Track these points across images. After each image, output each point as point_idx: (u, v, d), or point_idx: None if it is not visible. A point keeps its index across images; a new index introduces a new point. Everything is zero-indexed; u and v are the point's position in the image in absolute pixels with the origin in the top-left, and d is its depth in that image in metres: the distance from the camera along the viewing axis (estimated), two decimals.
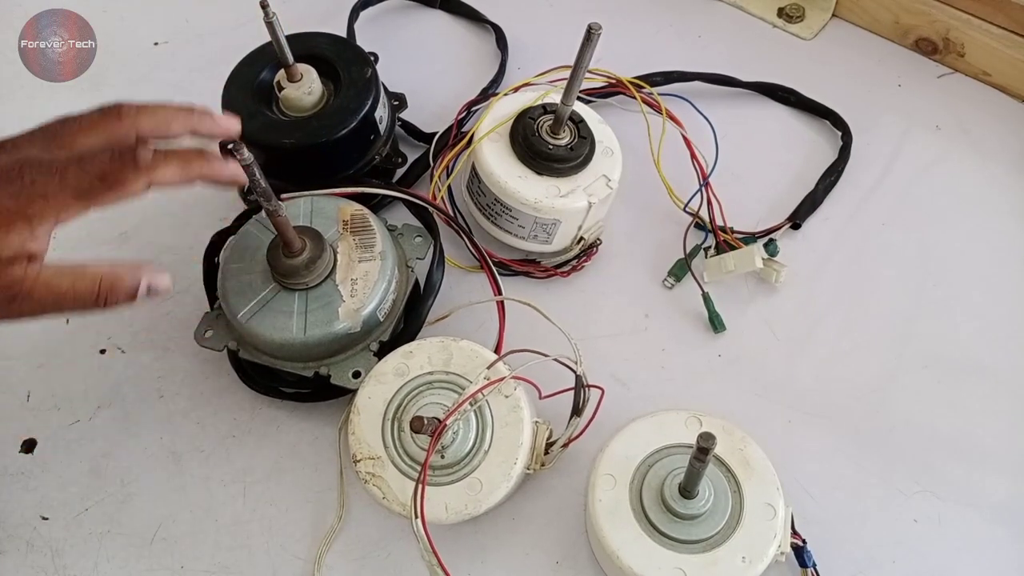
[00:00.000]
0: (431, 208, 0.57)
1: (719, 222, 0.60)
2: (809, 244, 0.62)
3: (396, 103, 0.64)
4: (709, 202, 0.60)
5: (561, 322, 0.48)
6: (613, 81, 0.64)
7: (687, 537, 0.44)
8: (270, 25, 0.51)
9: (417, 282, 0.55)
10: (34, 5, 0.71)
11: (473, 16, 0.75)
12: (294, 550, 0.50)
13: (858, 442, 0.53)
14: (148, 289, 0.42)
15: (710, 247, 0.60)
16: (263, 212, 0.52)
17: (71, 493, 0.53)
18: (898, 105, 0.69)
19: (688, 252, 0.60)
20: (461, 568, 0.49)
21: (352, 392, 0.49)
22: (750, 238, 0.60)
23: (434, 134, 0.64)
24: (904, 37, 0.72)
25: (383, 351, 0.51)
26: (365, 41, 0.70)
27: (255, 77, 0.58)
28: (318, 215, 0.52)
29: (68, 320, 0.58)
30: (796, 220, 0.62)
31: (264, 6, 0.50)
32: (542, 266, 0.60)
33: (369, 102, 0.57)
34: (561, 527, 0.51)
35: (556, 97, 0.56)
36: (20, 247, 0.39)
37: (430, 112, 0.67)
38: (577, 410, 0.48)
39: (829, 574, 0.48)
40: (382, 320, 0.51)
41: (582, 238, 0.58)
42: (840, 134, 0.67)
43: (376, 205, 0.61)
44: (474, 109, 0.66)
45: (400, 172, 0.63)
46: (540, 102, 0.57)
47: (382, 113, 0.60)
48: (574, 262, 0.60)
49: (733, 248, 0.58)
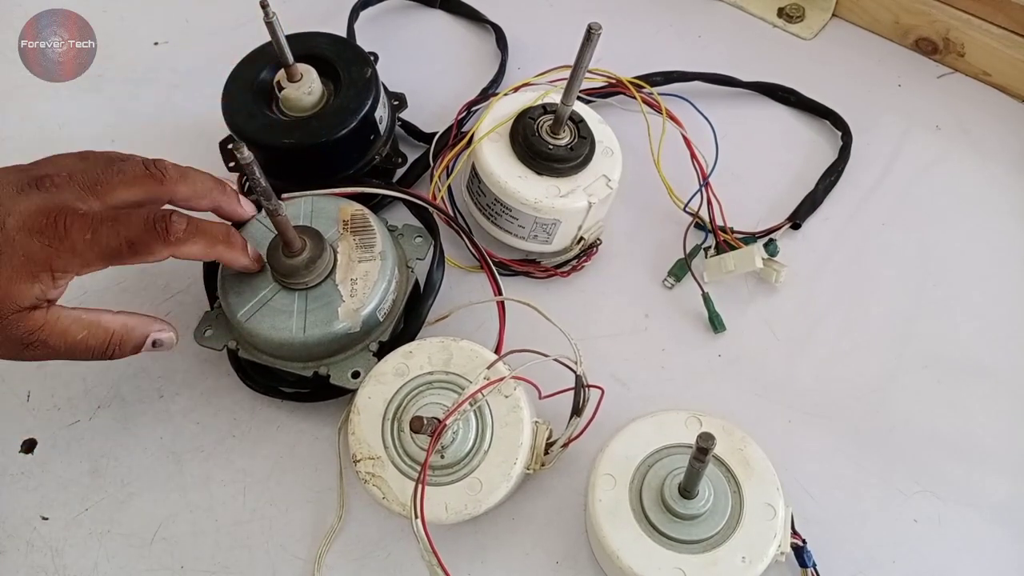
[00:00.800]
0: (431, 208, 0.57)
1: (719, 222, 0.60)
2: (809, 244, 0.62)
3: (396, 103, 0.64)
4: (709, 202, 0.60)
5: (561, 322, 0.48)
6: (613, 81, 0.64)
7: (687, 537, 0.44)
8: (270, 25, 0.51)
9: (417, 282, 0.55)
10: (34, 5, 0.71)
11: (473, 16, 0.75)
12: (294, 550, 0.50)
13: (858, 442, 0.53)
14: (153, 343, 0.45)
15: (710, 247, 0.60)
16: (263, 212, 0.52)
17: (71, 493, 0.53)
18: (898, 105, 0.69)
19: (688, 252, 0.60)
20: (461, 568, 0.49)
21: (352, 392, 0.49)
22: (750, 238, 0.60)
23: (434, 134, 0.64)
24: (904, 37, 0.72)
25: (383, 351, 0.50)
26: (365, 41, 0.70)
27: (255, 77, 0.58)
28: (318, 215, 0.52)
29: None
30: (796, 220, 0.62)
31: (264, 6, 0.50)
32: (542, 266, 0.60)
33: (369, 102, 0.57)
34: (561, 527, 0.51)
35: (556, 97, 0.56)
36: (41, 295, 0.40)
37: (430, 112, 0.67)
38: (577, 410, 0.48)
39: (829, 574, 0.48)
40: (382, 320, 0.51)
41: (582, 238, 0.58)
42: (840, 134, 0.67)
43: (376, 205, 0.61)
44: (474, 109, 0.66)
45: (400, 172, 0.63)
46: (540, 102, 0.57)
47: (382, 113, 0.60)
48: (574, 262, 0.60)
49: (733, 248, 0.58)
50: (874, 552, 0.50)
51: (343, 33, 0.71)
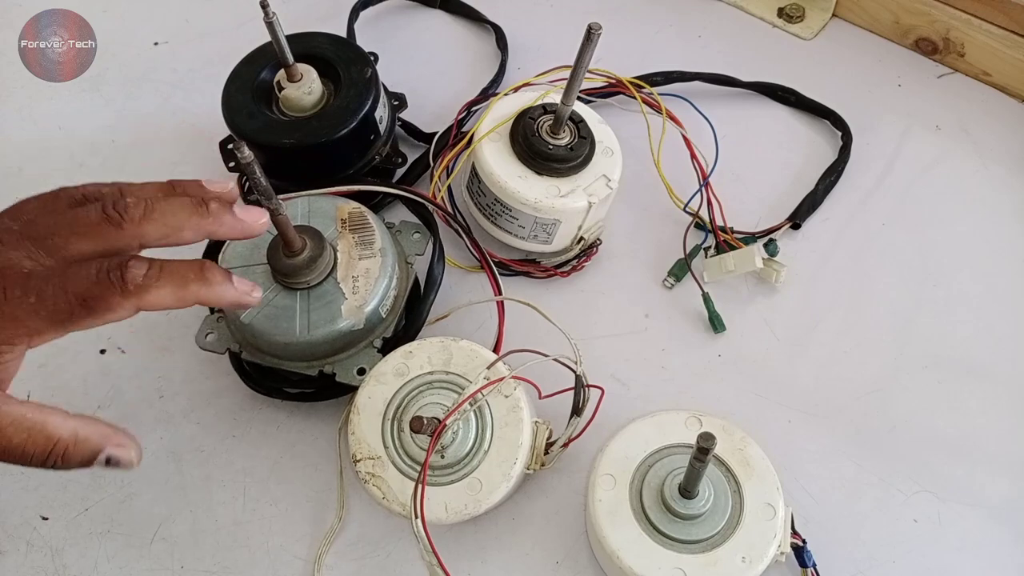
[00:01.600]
0: (429, 205, 0.57)
1: (719, 222, 0.60)
2: (809, 244, 0.62)
3: (396, 103, 0.64)
4: (709, 202, 0.60)
5: (561, 322, 0.48)
6: (613, 81, 0.64)
7: (687, 537, 0.44)
8: (270, 25, 0.51)
9: (417, 279, 0.55)
10: (34, 5, 0.71)
11: (473, 16, 0.75)
12: (294, 550, 0.50)
13: (858, 442, 0.53)
14: (107, 461, 0.37)
15: (710, 247, 0.60)
16: None
17: (71, 493, 0.53)
18: (898, 105, 0.69)
19: (688, 252, 0.60)
20: (461, 568, 0.49)
21: (353, 391, 0.49)
22: (750, 238, 0.60)
23: (434, 134, 0.64)
24: (904, 37, 0.72)
25: (386, 348, 0.51)
26: (365, 41, 0.70)
27: (255, 77, 0.58)
28: (316, 215, 0.52)
29: None
30: (796, 220, 0.62)
31: (264, 6, 0.50)
32: (542, 266, 0.60)
33: (369, 102, 0.57)
34: (561, 527, 0.51)
35: (556, 97, 0.56)
36: None
37: (430, 112, 0.67)
38: (577, 410, 0.48)
39: (829, 574, 0.48)
40: (384, 316, 0.51)
41: (582, 238, 0.58)
42: (840, 134, 0.67)
43: (376, 205, 0.61)
44: (474, 109, 0.66)
45: (400, 172, 0.63)
46: (540, 102, 0.57)
47: (382, 113, 0.60)
48: (574, 262, 0.60)
49: (733, 248, 0.58)
50: (874, 552, 0.50)
51: (343, 33, 0.71)
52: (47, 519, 0.52)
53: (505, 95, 0.59)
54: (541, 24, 0.75)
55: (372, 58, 0.61)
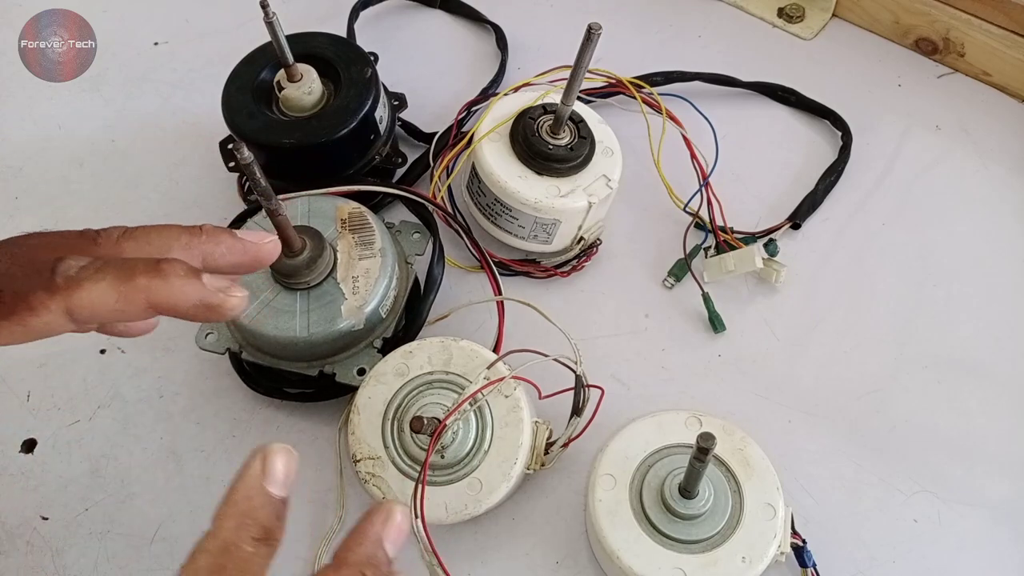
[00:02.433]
0: (429, 205, 0.57)
1: (719, 222, 0.60)
2: (809, 244, 0.62)
3: (396, 103, 0.64)
4: (709, 202, 0.60)
5: (561, 322, 0.48)
6: (613, 81, 0.64)
7: (687, 537, 0.44)
8: (270, 25, 0.51)
9: (417, 279, 0.55)
10: (34, 5, 0.71)
11: (473, 16, 0.75)
12: (294, 550, 0.50)
13: (858, 442, 0.53)
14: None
15: (710, 247, 0.60)
16: (261, 213, 0.52)
17: (71, 493, 0.52)
18: (898, 105, 0.69)
19: (688, 252, 0.60)
20: (461, 568, 0.49)
21: (353, 391, 0.49)
22: (750, 238, 0.60)
23: (434, 134, 0.64)
24: (904, 37, 0.72)
25: (386, 348, 0.51)
26: (365, 41, 0.70)
27: (255, 77, 0.58)
28: (316, 215, 0.52)
29: None
30: (796, 220, 0.62)
31: (264, 6, 0.50)
32: (542, 266, 0.60)
33: (369, 102, 0.57)
34: (561, 527, 0.51)
35: (556, 97, 0.56)
36: None
37: (430, 112, 0.67)
38: (577, 410, 0.48)
39: (829, 574, 0.48)
40: (384, 317, 0.51)
41: (582, 238, 0.58)
42: (840, 134, 0.67)
43: (376, 205, 0.61)
44: (474, 109, 0.66)
45: (400, 172, 0.63)
46: (540, 102, 0.57)
47: (382, 113, 0.60)
48: (574, 262, 0.60)
49: (733, 248, 0.58)
50: (874, 552, 0.50)
51: (343, 33, 0.71)
52: (47, 519, 0.52)
53: (505, 95, 0.59)
54: (541, 24, 0.75)
55: (372, 58, 0.61)
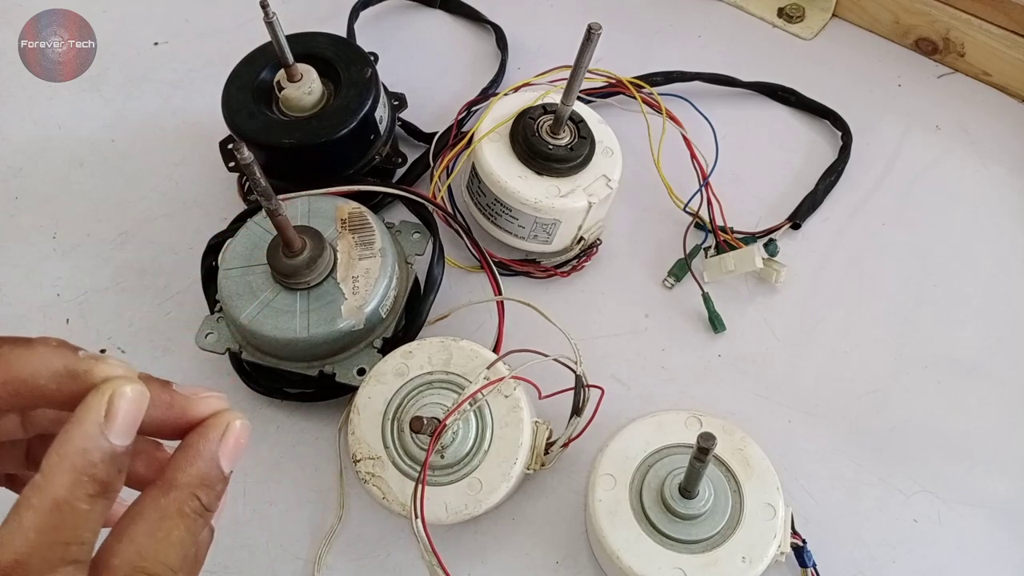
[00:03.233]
0: (429, 205, 0.57)
1: (719, 222, 0.60)
2: (809, 244, 0.62)
3: (396, 103, 0.64)
4: (709, 202, 0.60)
5: (561, 322, 0.48)
6: (613, 81, 0.64)
7: (687, 537, 0.44)
8: (270, 25, 0.51)
9: (417, 279, 0.55)
10: (34, 5, 0.71)
11: (473, 16, 0.75)
12: (294, 550, 0.50)
13: (858, 442, 0.53)
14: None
15: (710, 247, 0.60)
16: (261, 213, 0.52)
17: None
18: (898, 105, 0.69)
19: (688, 252, 0.60)
20: (461, 568, 0.49)
21: (353, 391, 0.49)
22: (750, 238, 0.60)
23: (434, 134, 0.64)
24: (904, 37, 0.72)
25: (386, 348, 0.51)
26: (365, 41, 0.70)
27: (255, 77, 0.58)
28: (315, 215, 0.52)
29: (68, 320, 0.58)
30: (796, 220, 0.62)
31: (264, 6, 0.50)
32: (542, 266, 0.60)
33: (369, 102, 0.57)
34: (561, 527, 0.51)
35: (556, 97, 0.56)
36: None
37: (430, 112, 0.67)
38: (577, 410, 0.48)
39: (829, 574, 0.48)
40: (384, 317, 0.51)
41: (582, 238, 0.58)
42: (840, 134, 0.67)
43: (376, 205, 0.61)
44: (474, 109, 0.66)
45: (400, 172, 0.63)
46: (540, 102, 0.57)
47: (382, 113, 0.60)
48: (574, 262, 0.60)
49: (733, 248, 0.58)
50: (874, 552, 0.50)
51: (343, 33, 0.71)
52: None
53: (505, 95, 0.59)
54: (541, 24, 0.75)
55: (372, 58, 0.61)
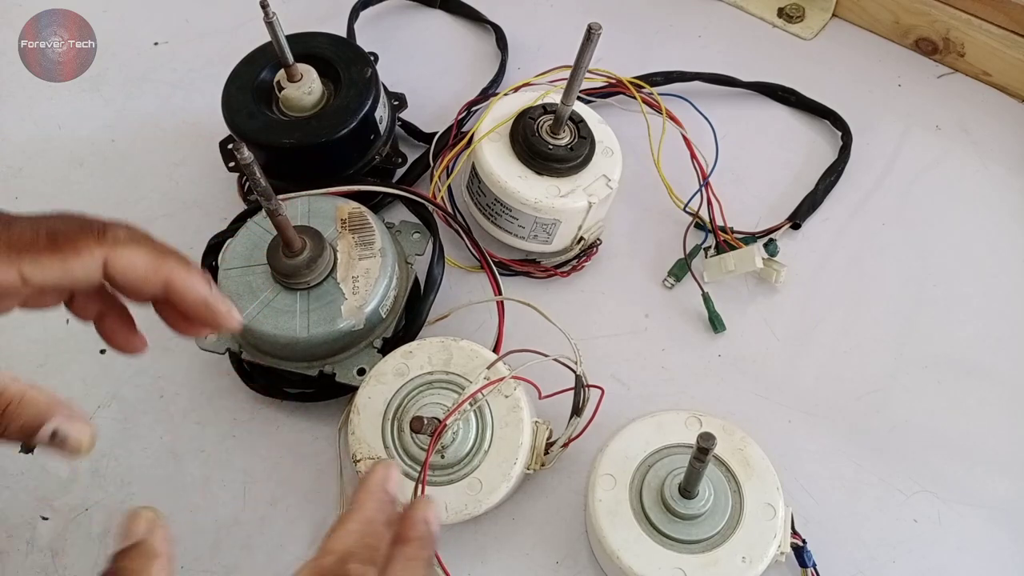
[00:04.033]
0: (429, 205, 0.57)
1: (719, 222, 0.60)
2: (809, 244, 0.62)
3: (396, 103, 0.64)
4: (709, 202, 0.60)
5: (561, 322, 0.48)
6: (613, 81, 0.64)
7: (687, 537, 0.44)
8: (270, 25, 0.51)
9: (417, 279, 0.55)
10: (34, 5, 0.71)
11: (473, 16, 0.75)
12: (294, 550, 0.50)
13: (858, 442, 0.53)
14: (54, 435, 0.33)
15: (710, 247, 0.60)
16: (261, 213, 0.52)
17: (71, 493, 0.52)
18: (898, 105, 0.69)
19: (688, 252, 0.60)
20: (461, 568, 0.49)
21: (353, 391, 0.49)
22: (750, 238, 0.60)
23: (434, 134, 0.64)
24: (904, 37, 0.72)
25: (386, 348, 0.51)
26: (365, 41, 0.70)
27: (255, 77, 0.58)
28: (315, 215, 0.52)
29: (68, 320, 0.58)
30: (796, 220, 0.62)
31: (264, 6, 0.50)
32: (542, 266, 0.60)
33: (369, 102, 0.57)
34: (561, 527, 0.51)
35: (556, 97, 0.56)
36: None
37: (430, 112, 0.67)
38: (577, 410, 0.48)
39: (829, 574, 0.48)
40: (384, 317, 0.51)
41: (582, 238, 0.58)
42: (840, 134, 0.66)
43: (376, 205, 0.61)
44: (474, 109, 0.66)
45: (400, 172, 0.63)
46: (540, 102, 0.57)
47: (382, 113, 0.60)
48: (574, 262, 0.60)
49: (733, 248, 0.58)
50: (874, 552, 0.50)
51: (343, 33, 0.71)
52: (47, 519, 0.52)
53: (505, 95, 0.59)
54: (541, 24, 0.75)
55: (372, 58, 0.61)
